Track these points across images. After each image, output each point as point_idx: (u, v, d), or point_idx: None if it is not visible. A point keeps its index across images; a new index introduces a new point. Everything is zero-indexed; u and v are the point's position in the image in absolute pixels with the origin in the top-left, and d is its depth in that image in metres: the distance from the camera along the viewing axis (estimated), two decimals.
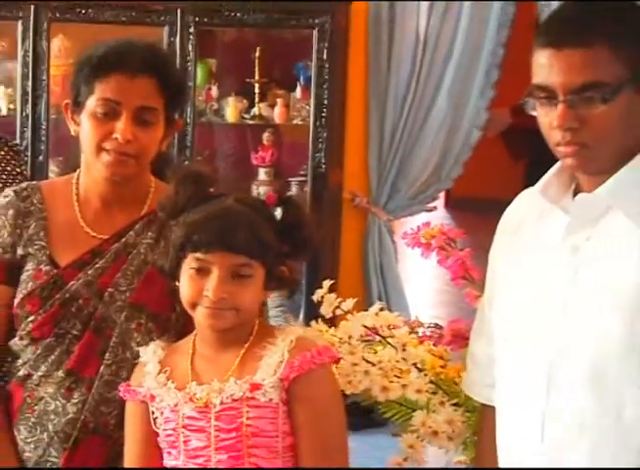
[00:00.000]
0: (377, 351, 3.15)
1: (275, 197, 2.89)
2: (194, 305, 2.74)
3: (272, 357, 2.75)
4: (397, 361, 3.14)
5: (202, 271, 2.70)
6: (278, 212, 2.89)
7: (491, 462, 2.74)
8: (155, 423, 2.81)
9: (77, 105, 2.93)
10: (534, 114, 2.41)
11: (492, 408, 2.71)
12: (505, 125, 7.40)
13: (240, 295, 2.71)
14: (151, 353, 2.87)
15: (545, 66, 2.37)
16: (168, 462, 2.82)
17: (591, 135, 2.37)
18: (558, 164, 2.52)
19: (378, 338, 3.18)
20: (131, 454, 2.90)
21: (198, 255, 2.70)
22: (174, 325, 3.02)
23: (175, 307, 2.99)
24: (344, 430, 2.87)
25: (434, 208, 7.53)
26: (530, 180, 2.58)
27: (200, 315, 2.74)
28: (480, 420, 2.85)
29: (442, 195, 8.65)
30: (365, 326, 3.16)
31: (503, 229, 2.72)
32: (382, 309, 3.27)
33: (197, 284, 2.71)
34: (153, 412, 2.81)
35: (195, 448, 2.79)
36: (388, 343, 3.18)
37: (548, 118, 2.36)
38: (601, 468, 2.30)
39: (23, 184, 3.22)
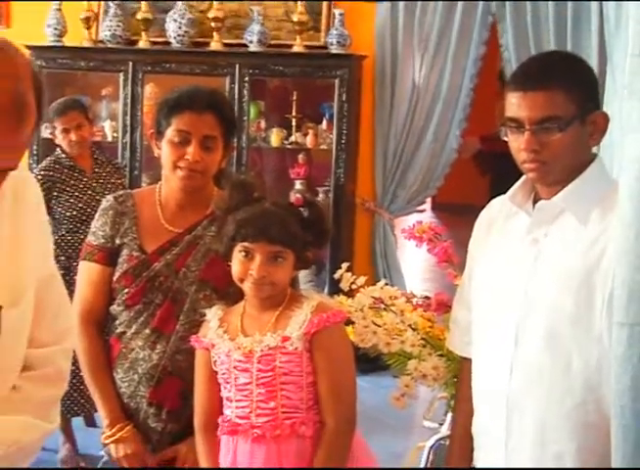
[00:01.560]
0: (382, 316, 3.21)
1: (301, 199, 2.88)
2: (242, 281, 2.82)
3: (298, 317, 2.82)
4: (397, 323, 3.21)
5: (247, 256, 2.77)
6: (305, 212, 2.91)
7: (467, 400, 2.77)
8: (215, 365, 2.89)
9: (159, 134, 3.02)
10: (506, 139, 2.47)
11: (469, 360, 2.76)
12: (475, 149, 7.41)
13: (275, 274, 2.79)
14: (213, 313, 2.95)
15: (515, 104, 2.43)
16: (224, 394, 2.92)
17: (549, 155, 2.41)
18: (523, 178, 2.57)
19: (383, 306, 3.23)
20: (199, 388, 2.98)
21: (245, 244, 2.76)
22: (230, 295, 3.04)
23: (232, 281, 3.00)
24: (353, 372, 2.92)
25: (424, 210, 7.64)
26: (493, 190, 2.79)
27: (246, 288, 2.81)
28: (460, 369, 2.89)
29: (429, 200, 8.50)
30: (373, 297, 3.19)
31: (479, 225, 2.77)
32: (385, 285, 3.32)
33: (244, 265, 2.78)
34: (213, 357, 2.89)
35: (242, 384, 2.86)
36: (391, 310, 3.23)
37: (517, 143, 2.42)
38: None
39: (121, 192, 3.35)
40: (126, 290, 3.10)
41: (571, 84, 2.45)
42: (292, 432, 2.86)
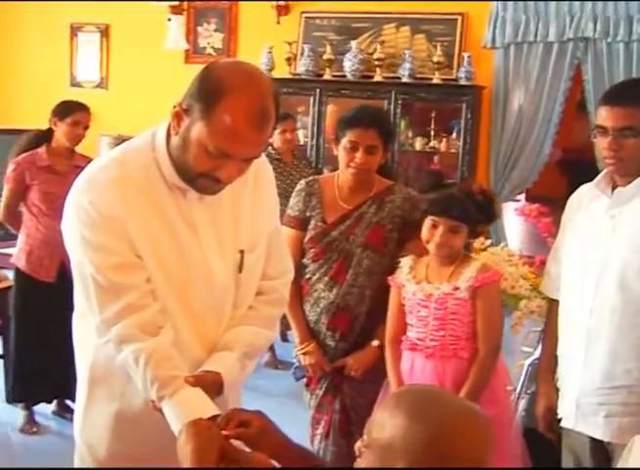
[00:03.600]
0: (505, 267, 3.57)
1: (478, 189, 3.20)
2: (428, 242, 3.09)
3: (467, 274, 3.08)
4: (513, 275, 3.61)
5: (434, 227, 3.04)
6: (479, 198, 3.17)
7: (553, 331, 3.01)
8: (403, 299, 3.20)
9: (337, 140, 3.33)
10: (595, 140, 2.74)
11: (557, 302, 3.00)
12: (558, 157, 7.56)
13: (452, 241, 3.05)
14: (405, 262, 3.24)
15: (603, 115, 2.65)
16: (408, 320, 3.21)
17: (625, 154, 2.64)
18: (604, 171, 2.79)
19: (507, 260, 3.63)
20: (391, 313, 3.27)
21: (433, 217, 3.05)
22: (385, 253, 3.35)
23: (386, 245, 3.33)
24: (501, 315, 3.16)
25: (519, 199, 7.80)
26: (570, 187, 3.10)
27: (431, 249, 3.10)
28: (549, 308, 3.14)
29: (525, 192, 8.18)
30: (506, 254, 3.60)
31: (571, 204, 2.97)
32: (505, 246, 3.81)
33: (430, 232, 3.06)
34: (402, 293, 3.21)
35: (422, 316, 3.15)
36: (510, 265, 3.62)
37: (602, 144, 2.66)
38: None
39: (310, 178, 3.60)
40: (312, 250, 3.38)
41: None
42: (454, 354, 3.11)
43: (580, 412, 2.80)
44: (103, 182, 2.08)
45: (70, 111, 4.82)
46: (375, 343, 3.35)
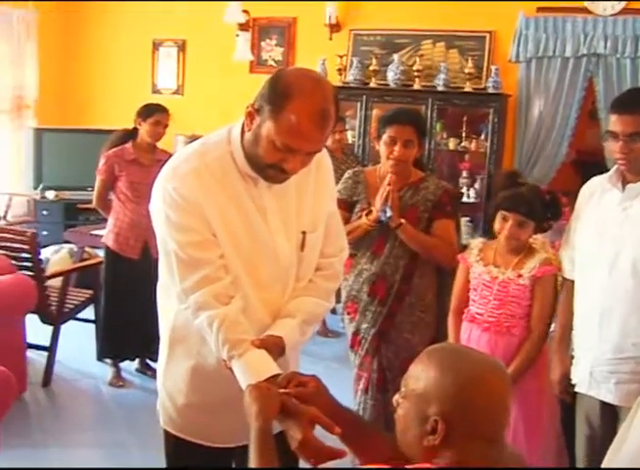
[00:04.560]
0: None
1: (546, 190, 3.23)
2: (499, 233, 3.09)
3: (530, 264, 3.09)
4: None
5: (505, 220, 3.05)
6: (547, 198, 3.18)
7: (568, 307, 2.99)
8: (469, 276, 3.22)
9: (378, 137, 3.40)
10: (606, 144, 2.84)
11: (571, 281, 2.99)
12: (573, 157, 7.44)
13: (519, 234, 3.07)
14: (475, 244, 3.25)
15: (613, 121, 2.65)
16: (471, 295, 3.21)
17: (634, 157, 2.64)
18: (615, 167, 2.79)
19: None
20: (457, 288, 3.30)
21: (504, 212, 3.05)
22: (417, 232, 3.36)
23: (419, 223, 3.36)
24: (553, 304, 3.12)
25: None
26: (584, 183, 3.03)
27: (501, 238, 3.09)
28: (563, 286, 3.10)
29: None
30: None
31: (583, 194, 2.95)
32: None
33: (501, 225, 3.07)
34: (470, 272, 3.22)
35: (484, 294, 3.14)
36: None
37: (613, 147, 2.67)
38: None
39: (357, 168, 3.73)
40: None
41: None
42: (507, 331, 3.12)
43: (593, 379, 2.83)
44: (185, 171, 2.12)
45: (152, 112, 4.94)
46: None
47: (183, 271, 2.11)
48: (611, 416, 2.84)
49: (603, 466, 2.10)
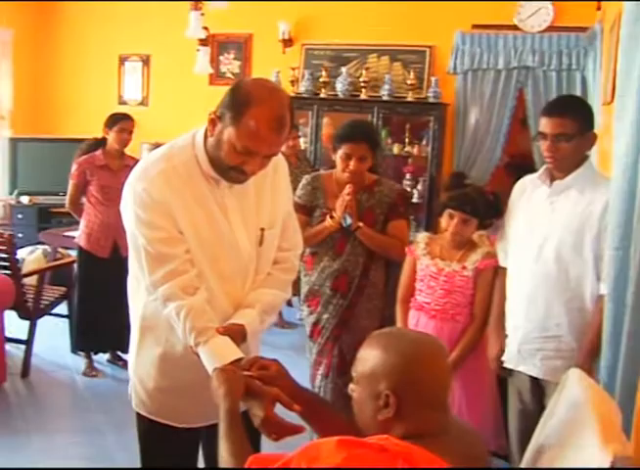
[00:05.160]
0: None
1: (489, 191, 3.27)
2: (445, 230, 3.11)
3: (473, 257, 3.10)
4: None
5: (451, 218, 3.05)
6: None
7: (502, 289, 3.00)
8: (416, 268, 3.23)
9: (334, 150, 3.40)
10: (538, 143, 2.82)
11: (505, 268, 3.03)
12: (506, 161, 7.37)
13: (464, 231, 3.09)
14: (422, 238, 3.26)
15: (543, 124, 2.68)
16: (417, 285, 3.22)
17: (560, 156, 2.67)
18: (544, 167, 2.83)
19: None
20: (404, 278, 3.31)
21: (450, 210, 3.07)
22: (374, 232, 3.37)
23: (376, 224, 3.36)
24: (493, 288, 3.07)
25: None
26: (515, 182, 3.04)
27: (447, 234, 3.12)
28: (499, 274, 3.09)
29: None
30: None
31: (515, 191, 2.99)
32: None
33: (447, 222, 3.07)
34: (416, 264, 3.23)
35: (430, 286, 3.16)
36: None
37: (543, 146, 2.70)
38: None
39: (313, 174, 3.66)
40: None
41: (575, 114, 2.67)
42: (452, 318, 3.14)
43: (521, 356, 2.86)
44: (154, 173, 2.13)
45: (117, 121, 4.96)
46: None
47: (152, 265, 2.11)
48: (539, 392, 2.86)
49: (532, 440, 2.09)
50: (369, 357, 1.67)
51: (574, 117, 2.66)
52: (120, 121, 4.95)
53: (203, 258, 2.17)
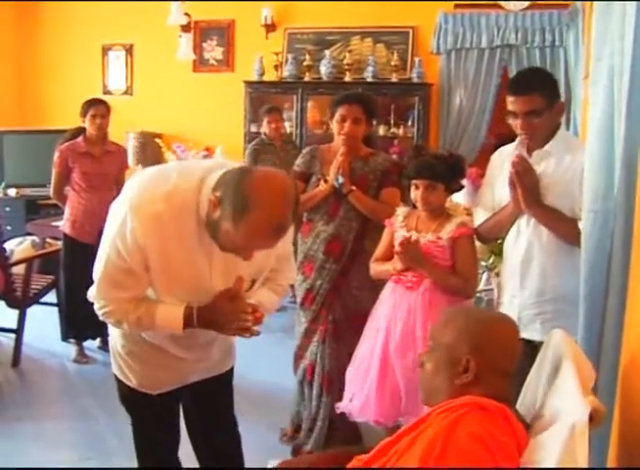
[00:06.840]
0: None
1: (449, 154, 3.14)
2: (416, 201, 3.06)
3: (448, 227, 3.06)
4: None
5: (416, 188, 3.02)
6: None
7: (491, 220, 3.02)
8: (394, 239, 3.17)
9: (332, 116, 3.47)
10: (510, 122, 2.72)
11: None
12: (493, 142, 6.96)
13: (430, 197, 3.03)
14: (401, 212, 3.22)
15: (511, 102, 2.70)
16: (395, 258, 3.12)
17: (532, 130, 2.71)
18: (519, 138, 2.84)
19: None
20: (381, 247, 3.27)
21: (413, 180, 3.04)
22: (368, 198, 3.45)
23: (369, 190, 3.43)
24: (475, 257, 3.13)
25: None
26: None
27: (418, 205, 3.08)
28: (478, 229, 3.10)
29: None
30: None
31: (494, 161, 3.06)
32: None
33: (414, 192, 3.03)
34: (393, 236, 3.20)
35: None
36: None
37: (515, 124, 2.73)
38: None
39: (313, 146, 3.70)
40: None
41: (542, 89, 2.68)
42: (430, 287, 3.06)
43: (522, 323, 2.81)
44: (149, 214, 2.07)
45: (89, 107, 4.98)
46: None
47: (105, 279, 2.16)
48: (533, 354, 2.84)
49: (519, 399, 2.10)
50: (449, 326, 1.85)
51: (542, 93, 2.68)
52: (92, 107, 4.95)
53: (167, 293, 2.20)
